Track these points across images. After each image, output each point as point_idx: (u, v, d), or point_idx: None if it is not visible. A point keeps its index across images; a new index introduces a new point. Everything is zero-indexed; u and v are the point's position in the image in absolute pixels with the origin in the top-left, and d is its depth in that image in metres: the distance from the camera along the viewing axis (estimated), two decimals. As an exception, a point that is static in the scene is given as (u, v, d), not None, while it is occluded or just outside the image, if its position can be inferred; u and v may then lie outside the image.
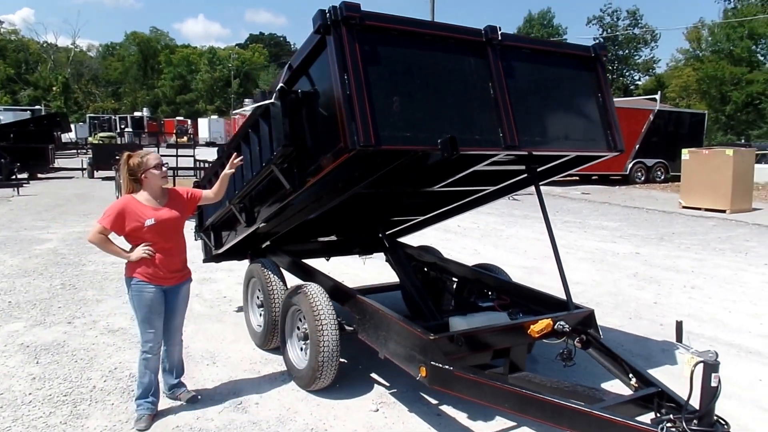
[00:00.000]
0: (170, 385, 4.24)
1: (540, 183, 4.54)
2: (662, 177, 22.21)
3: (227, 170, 4.13)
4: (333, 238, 6.25)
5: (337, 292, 4.47)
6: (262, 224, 4.91)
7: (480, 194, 5.18)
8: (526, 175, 4.62)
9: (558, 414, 3.00)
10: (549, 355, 4.81)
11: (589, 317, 4.12)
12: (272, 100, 3.87)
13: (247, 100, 37.12)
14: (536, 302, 4.60)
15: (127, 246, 3.88)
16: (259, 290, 5.35)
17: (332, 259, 6.40)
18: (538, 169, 4.48)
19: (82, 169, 23.44)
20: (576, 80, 4.26)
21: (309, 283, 4.48)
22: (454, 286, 5.59)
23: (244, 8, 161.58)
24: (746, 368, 5.01)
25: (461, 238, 10.93)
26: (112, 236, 3.84)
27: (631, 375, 3.55)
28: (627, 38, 55.29)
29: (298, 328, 4.61)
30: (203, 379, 4.65)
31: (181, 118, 62.96)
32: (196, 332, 5.71)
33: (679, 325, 2.94)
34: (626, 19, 56.34)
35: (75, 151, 34.45)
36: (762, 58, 46.43)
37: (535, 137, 3.89)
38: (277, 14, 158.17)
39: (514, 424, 3.97)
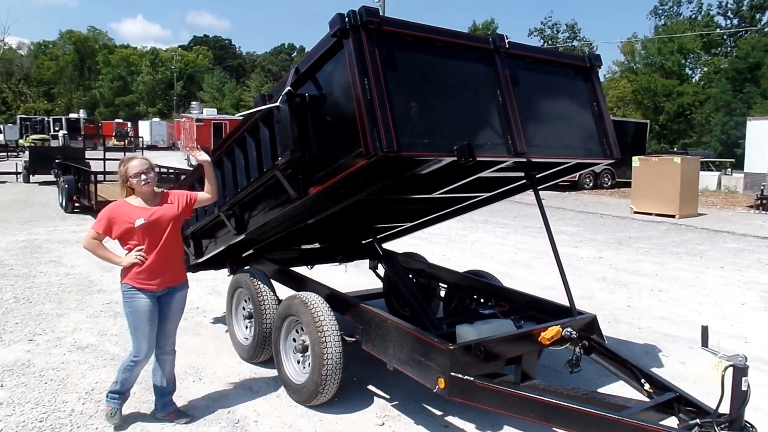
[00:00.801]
0: (163, 403, 4.00)
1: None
2: (609, 183, 23.06)
3: (204, 158, 3.94)
4: (316, 245, 6.09)
5: (335, 301, 4.33)
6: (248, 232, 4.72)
7: (471, 201, 5.16)
8: (523, 181, 4.63)
9: (587, 423, 2.98)
10: (544, 361, 4.83)
11: (591, 323, 4.15)
12: (277, 104, 3.71)
13: (194, 103, 36.18)
14: (534, 308, 4.62)
15: (123, 253, 3.74)
16: (245, 301, 5.14)
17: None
18: (537, 176, 4.49)
19: (17, 173, 22.15)
20: (574, 89, 4.31)
21: (307, 292, 4.33)
22: (443, 293, 5.55)
23: (186, 10, 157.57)
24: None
25: (428, 244, 10.91)
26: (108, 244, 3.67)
27: (643, 380, 3.58)
28: (566, 50, 57.24)
29: (295, 340, 4.44)
30: (192, 396, 4.40)
31: (121, 120, 60.74)
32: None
33: (704, 330, 2.98)
34: (565, 32, 58.40)
35: (5, 154, 32.59)
36: (690, 72, 49.09)
37: (541, 144, 3.89)
38: (220, 17, 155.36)
39: (523, 433, 3.95)
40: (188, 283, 4.06)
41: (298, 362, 4.40)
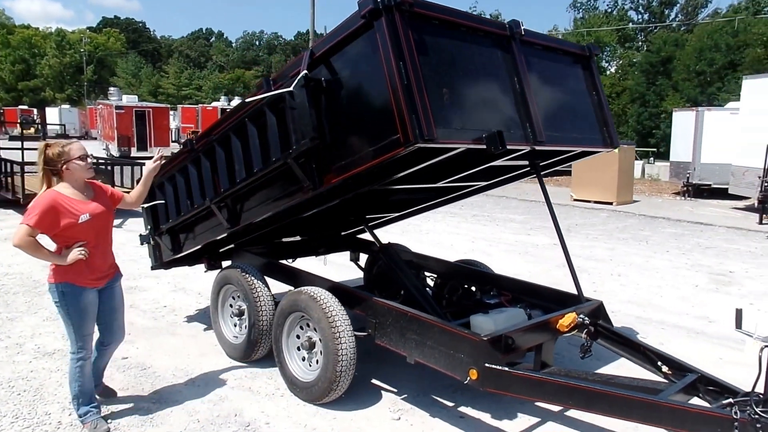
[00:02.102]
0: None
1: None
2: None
3: (151, 167, 3.90)
4: (297, 238, 5.88)
5: (343, 295, 4.17)
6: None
7: (467, 190, 5.13)
8: (524, 169, 4.65)
9: (627, 407, 3.01)
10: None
11: (599, 308, 4.23)
12: (291, 89, 3.51)
13: (113, 88, 33.97)
14: (532, 295, 4.67)
15: (51, 246, 3.49)
16: (234, 298, 4.88)
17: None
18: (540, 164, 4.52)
19: None
20: (576, 78, 4.36)
21: (313, 287, 4.15)
22: (433, 283, 5.50)
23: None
24: (704, 348, 5.46)
25: (384, 235, 10.85)
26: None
27: (660, 363, 3.68)
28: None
29: (299, 337, 4.26)
30: (188, 400, 4.13)
31: (25, 107, 56.47)
32: (153, 348, 5.09)
33: (738, 312, 3.08)
34: (489, 23, 59.68)
35: None
36: (607, 65, 51.55)
37: (554, 133, 3.90)
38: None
39: (539, 419, 3.98)
40: (121, 272, 3.89)
41: (303, 359, 4.23)
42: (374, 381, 4.51)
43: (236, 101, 36.74)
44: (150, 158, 3.99)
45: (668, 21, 49.11)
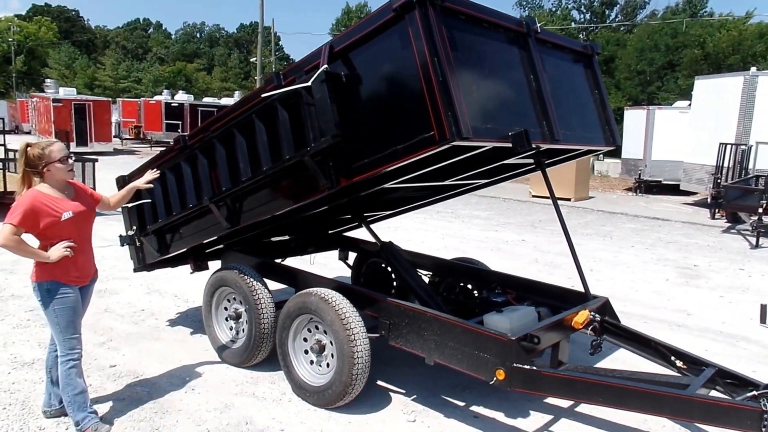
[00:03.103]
0: (61, 398, 3.64)
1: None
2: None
3: (142, 183, 4.11)
4: (285, 237, 5.72)
5: (352, 296, 4.05)
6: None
7: (467, 187, 5.11)
8: (527, 167, 4.67)
9: (659, 403, 3.05)
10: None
11: (605, 304, 4.28)
12: (309, 84, 3.37)
13: (49, 80, 32.15)
14: (534, 293, 4.69)
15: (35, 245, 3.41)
16: (230, 300, 4.70)
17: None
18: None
19: None
20: (581, 76, 4.39)
21: (324, 288, 4.02)
22: (428, 281, 5.45)
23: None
24: (687, 340, 5.63)
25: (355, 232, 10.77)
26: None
27: (673, 357, 3.75)
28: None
29: (306, 340, 4.13)
30: (193, 409, 3.94)
31: (-53, 99, 52.97)
32: (141, 355, 4.84)
33: (764, 308, 3.16)
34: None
35: None
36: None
37: (567, 131, 3.91)
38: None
39: (551, 416, 4.01)
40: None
41: (312, 363, 4.10)
42: (380, 383, 4.42)
43: (182, 95, 35.62)
44: (91, 154, 3.87)
45: (609, 21, 50.81)
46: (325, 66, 3.32)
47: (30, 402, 3.99)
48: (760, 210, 10.17)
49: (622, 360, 4.94)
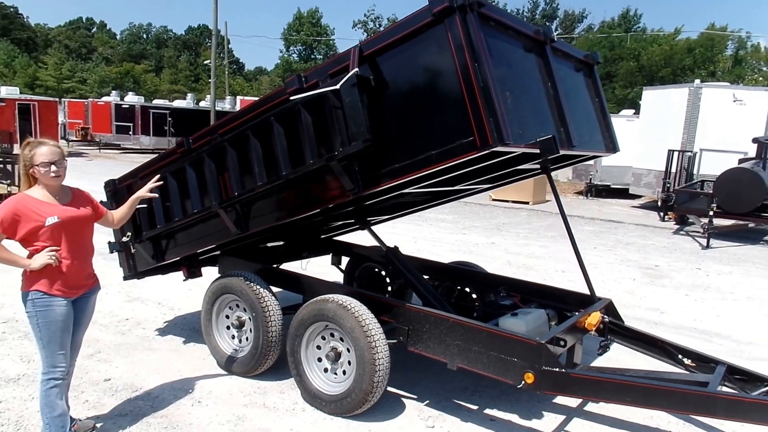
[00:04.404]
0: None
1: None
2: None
3: (142, 193, 3.75)
4: (279, 243, 5.61)
5: (368, 302, 4.01)
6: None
7: (469, 192, 5.16)
8: (533, 172, 4.76)
9: (684, 401, 3.17)
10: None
11: (609, 306, 4.42)
12: (337, 87, 3.32)
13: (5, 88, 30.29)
14: (537, 295, 4.78)
15: (24, 254, 3.20)
16: (232, 308, 4.56)
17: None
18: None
19: None
20: (585, 84, 4.52)
21: (341, 295, 3.95)
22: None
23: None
24: (666, 337, 5.86)
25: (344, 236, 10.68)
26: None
27: (681, 356, 3.91)
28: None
29: (319, 348, 4.05)
30: (204, 423, 3.79)
31: None
32: (136, 367, 4.62)
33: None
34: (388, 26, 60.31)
35: None
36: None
37: (579, 137, 4.02)
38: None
39: (564, 416, 4.09)
40: (100, 284, 3.58)
41: (326, 371, 4.03)
42: (391, 389, 4.39)
43: (132, 96, 34.35)
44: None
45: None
46: (356, 69, 3.28)
47: (24, 421, 3.75)
48: (711, 213, 10.76)
49: (615, 359, 5.09)
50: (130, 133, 30.23)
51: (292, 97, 3.49)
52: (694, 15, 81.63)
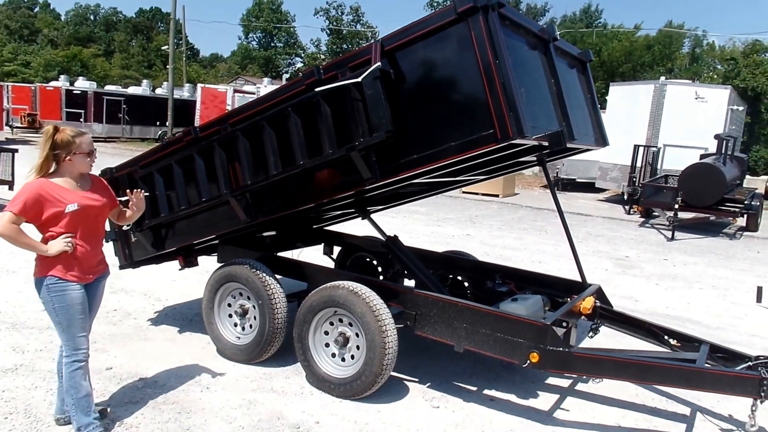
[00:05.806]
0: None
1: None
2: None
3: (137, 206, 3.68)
4: (272, 233, 5.66)
5: (376, 288, 4.14)
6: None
7: (464, 183, 5.33)
8: (529, 163, 4.96)
9: (677, 376, 3.43)
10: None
11: (599, 291, 4.66)
12: (359, 80, 3.43)
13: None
14: (529, 282, 5.00)
15: (38, 238, 3.25)
16: (234, 297, 4.61)
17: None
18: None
19: None
20: (579, 80, 4.73)
21: (351, 282, 4.06)
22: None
23: None
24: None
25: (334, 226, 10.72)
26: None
27: (666, 336, 4.18)
28: (351, 33, 58.89)
29: (326, 333, 4.16)
30: (219, 408, 3.85)
31: None
32: (135, 356, 4.63)
33: (759, 289, 3.62)
34: (350, 14, 59.49)
35: None
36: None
37: (577, 131, 4.22)
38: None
39: (558, 395, 4.32)
40: (109, 270, 3.64)
41: (334, 356, 4.15)
42: (393, 373, 4.52)
43: (83, 82, 33.21)
44: None
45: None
46: (378, 63, 3.39)
47: (33, 409, 3.73)
48: (676, 206, 11.27)
49: (597, 342, 5.35)
50: (82, 120, 28.60)
51: (316, 89, 3.57)
52: (652, 12, 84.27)
